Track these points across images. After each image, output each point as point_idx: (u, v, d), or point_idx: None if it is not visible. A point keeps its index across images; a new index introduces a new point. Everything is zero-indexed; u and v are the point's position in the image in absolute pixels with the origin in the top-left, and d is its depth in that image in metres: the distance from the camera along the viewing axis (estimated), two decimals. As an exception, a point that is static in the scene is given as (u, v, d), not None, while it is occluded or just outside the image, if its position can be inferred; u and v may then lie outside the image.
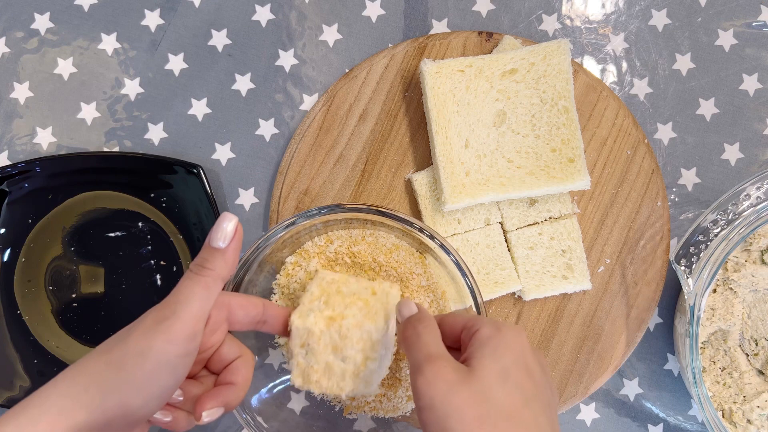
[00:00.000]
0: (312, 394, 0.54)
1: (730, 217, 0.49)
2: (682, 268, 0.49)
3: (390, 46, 0.62)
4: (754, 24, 0.63)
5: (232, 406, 0.40)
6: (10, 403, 0.57)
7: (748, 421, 0.52)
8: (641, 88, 0.62)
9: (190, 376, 0.41)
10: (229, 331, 0.42)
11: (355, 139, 0.60)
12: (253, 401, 0.50)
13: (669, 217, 0.59)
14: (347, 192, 0.60)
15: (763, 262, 0.54)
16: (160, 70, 0.63)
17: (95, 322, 0.60)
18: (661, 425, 0.59)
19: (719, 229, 0.49)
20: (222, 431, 0.59)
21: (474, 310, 0.49)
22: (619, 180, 0.59)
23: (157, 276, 0.60)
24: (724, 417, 0.53)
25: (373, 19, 0.63)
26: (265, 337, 0.54)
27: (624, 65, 0.62)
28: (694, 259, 0.49)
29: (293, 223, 0.49)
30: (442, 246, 0.50)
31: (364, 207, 0.50)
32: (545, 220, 0.58)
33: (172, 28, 0.63)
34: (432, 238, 0.50)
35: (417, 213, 0.59)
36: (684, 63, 0.62)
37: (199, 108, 0.63)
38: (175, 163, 0.59)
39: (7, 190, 0.59)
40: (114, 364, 0.35)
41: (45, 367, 0.58)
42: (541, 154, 0.56)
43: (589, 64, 0.62)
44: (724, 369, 0.54)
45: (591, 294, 0.58)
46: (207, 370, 0.42)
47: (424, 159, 0.60)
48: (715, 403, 0.54)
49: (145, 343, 0.35)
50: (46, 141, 0.62)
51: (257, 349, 0.53)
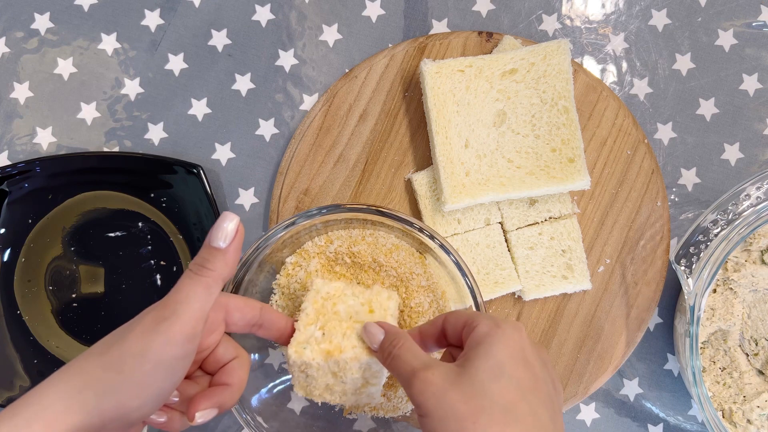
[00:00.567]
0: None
1: (730, 217, 0.49)
2: (682, 268, 0.49)
3: (390, 46, 0.62)
4: (754, 24, 0.63)
5: (226, 408, 0.39)
6: (9, 404, 0.57)
7: (748, 421, 0.52)
8: (641, 88, 0.62)
9: (186, 376, 0.41)
10: (226, 332, 0.42)
11: (355, 139, 0.60)
12: (253, 401, 0.50)
13: (669, 217, 0.59)
14: (347, 192, 0.60)
15: (763, 262, 0.54)
16: (160, 70, 0.63)
17: (95, 322, 0.60)
18: (661, 425, 0.59)
19: (719, 229, 0.49)
20: (222, 431, 0.59)
21: (474, 310, 0.49)
22: (619, 180, 0.59)
23: (157, 276, 0.60)
24: (724, 417, 0.53)
25: (373, 19, 0.63)
26: (265, 337, 0.54)
27: (624, 65, 0.62)
28: (694, 259, 0.49)
29: (293, 223, 0.49)
30: (442, 246, 0.50)
31: (364, 207, 0.50)
32: (545, 220, 0.58)
33: (172, 28, 0.63)
34: (432, 238, 0.50)
35: (417, 213, 0.59)
36: (684, 63, 0.62)
37: (199, 108, 0.62)
38: (175, 163, 0.59)
39: (7, 190, 0.59)
40: (112, 365, 0.34)
41: (45, 367, 0.58)
42: (541, 154, 0.56)
43: (589, 64, 0.62)
44: (724, 369, 0.54)
45: (591, 294, 0.58)
46: (202, 370, 0.42)
47: (424, 159, 0.60)
48: (715, 403, 0.53)
49: (144, 343, 0.34)
50: (46, 141, 0.62)
51: (257, 349, 0.53)
